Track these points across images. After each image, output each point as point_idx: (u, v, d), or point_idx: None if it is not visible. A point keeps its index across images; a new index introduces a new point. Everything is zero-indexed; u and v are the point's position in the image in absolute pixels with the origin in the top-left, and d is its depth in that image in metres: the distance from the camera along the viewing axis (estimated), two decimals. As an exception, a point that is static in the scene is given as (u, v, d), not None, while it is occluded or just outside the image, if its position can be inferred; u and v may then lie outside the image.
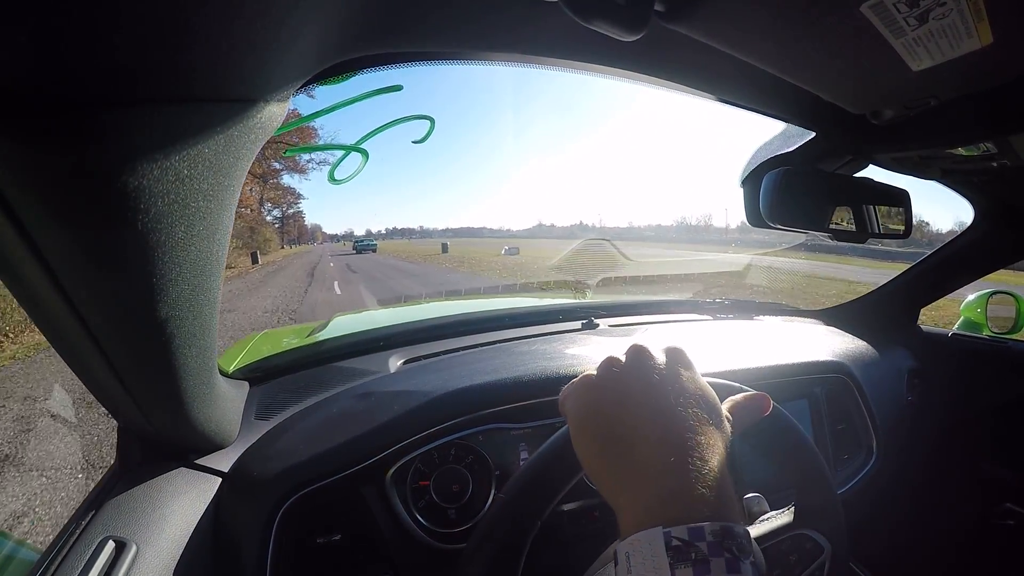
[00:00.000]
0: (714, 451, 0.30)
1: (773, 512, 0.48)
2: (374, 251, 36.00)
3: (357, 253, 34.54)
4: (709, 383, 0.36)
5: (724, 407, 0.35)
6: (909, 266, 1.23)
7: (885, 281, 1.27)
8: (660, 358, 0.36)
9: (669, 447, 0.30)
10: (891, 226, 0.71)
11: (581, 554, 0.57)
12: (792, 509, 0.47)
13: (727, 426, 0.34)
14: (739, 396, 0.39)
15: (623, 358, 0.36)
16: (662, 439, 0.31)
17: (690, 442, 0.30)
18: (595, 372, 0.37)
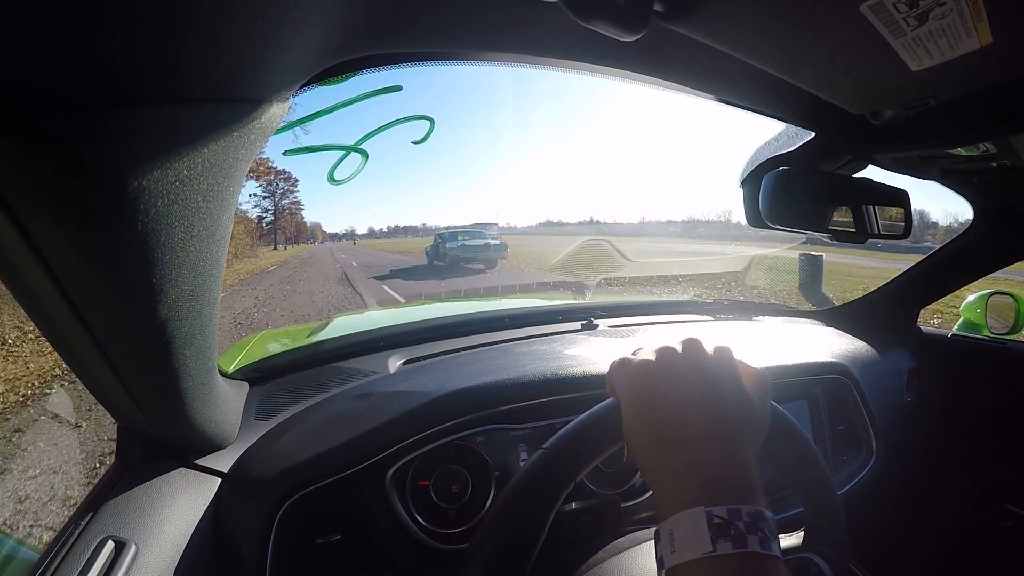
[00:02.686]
0: (752, 448, 0.35)
1: (783, 534, 0.48)
2: (493, 266, 13.49)
3: (447, 264, 14.01)
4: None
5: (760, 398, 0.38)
6: (909, 267, 1.23)
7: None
8: (713, 355, 0.38)
9: (718, 444, 0.33)
10: (890, 226, 0.71)
11: (581, 553, 0.57)
12: (801, 532, 0.48)
13: (765, 423, 0.38)
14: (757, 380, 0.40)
15: (679, 348, 0.38)
16: (713, 436, 0.34)
17: (735, 440, 0.34)
18: (651, 357, 0.38)
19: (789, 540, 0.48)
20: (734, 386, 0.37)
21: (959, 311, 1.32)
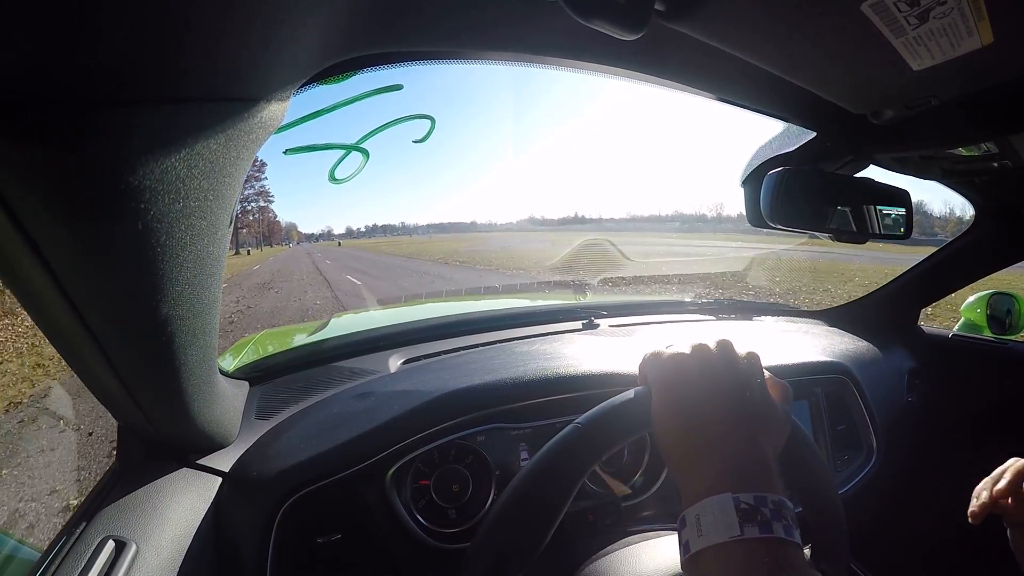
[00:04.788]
0: (772, 447, 0.36)
1: None
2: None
3: None
4: None
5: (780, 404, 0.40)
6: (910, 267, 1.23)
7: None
8: (743, 356, 0.40)
9: (743, 435, 0.35)
10: (891, 226, 0.71)
11: (581, 553, 0.57)
12: (807, 549, 0.48)
13: (786, 429, 0.39)
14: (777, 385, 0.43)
15: (712, 345, 0.40)
16: (738, 426, 0.35)
17: (759, 436, 0.35)
18: (685, 350, 0.40)
19: None
20: (760, 388, 0.39)
21: (959, 311, 1.32)
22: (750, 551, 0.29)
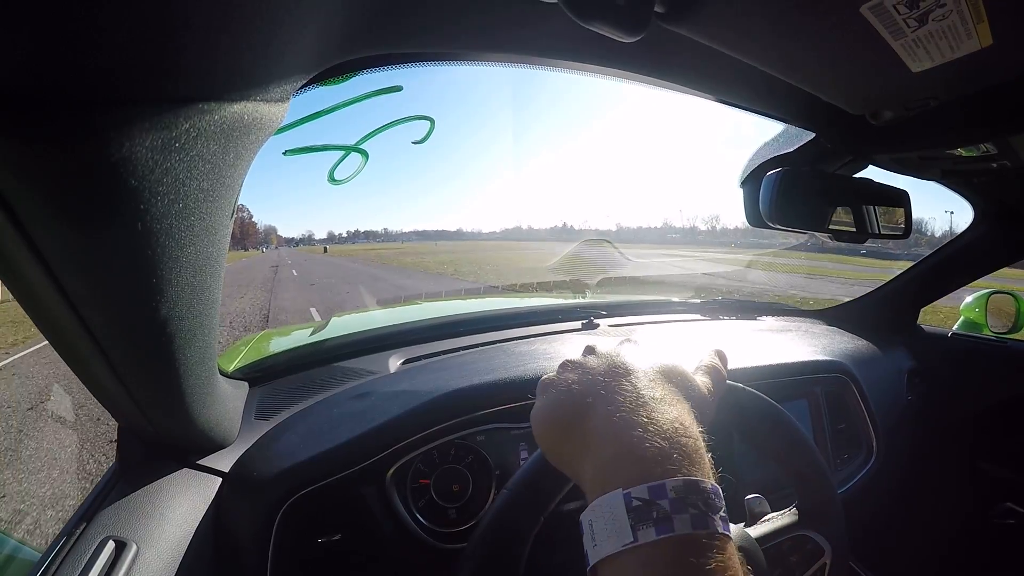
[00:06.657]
0: (668, 407, 0.29)
1: (775, 513, 0.48)
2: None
3: None
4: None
5: (699, 377, 0.36)
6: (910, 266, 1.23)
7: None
8: (609, 349, 0.37)
9: (614, 409, 0.29)
10: (891, 226, 0.71)
11: (580, 553, 0.57)
12: (793, 510, 0.48)
13: (696, 389, 0.34)
14: (705, 360, 0.38)
15: (554, 376, 0.38)
16: (606, 405, 0.30)
17: (634, 400, 0.29)
18: (540, 396, 0.37)
19: (784, 519, 0.47)
20: (624, 361, 0.34)
21: (959, 311, 1.33)
22: (647, 559, 0.24)
